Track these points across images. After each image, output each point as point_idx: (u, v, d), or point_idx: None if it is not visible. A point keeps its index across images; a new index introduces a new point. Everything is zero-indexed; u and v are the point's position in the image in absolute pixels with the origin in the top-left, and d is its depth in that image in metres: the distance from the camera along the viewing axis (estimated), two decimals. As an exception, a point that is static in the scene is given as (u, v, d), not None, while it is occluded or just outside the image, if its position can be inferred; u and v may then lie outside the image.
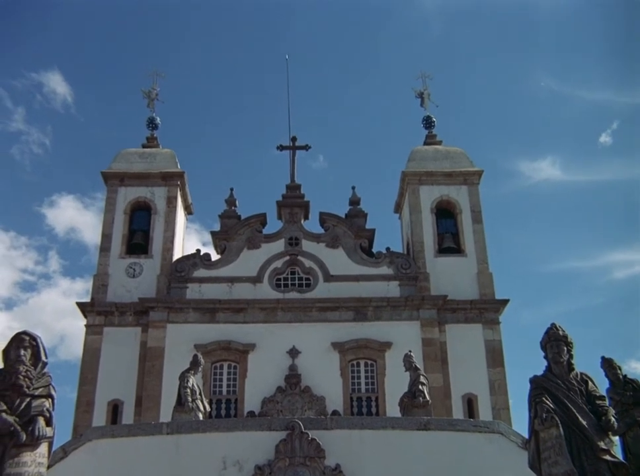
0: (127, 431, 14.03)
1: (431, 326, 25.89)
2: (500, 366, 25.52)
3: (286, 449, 13.09)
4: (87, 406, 24.94)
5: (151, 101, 31.67)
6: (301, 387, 24.68)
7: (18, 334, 8.45)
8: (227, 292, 26.65)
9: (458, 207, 28.54)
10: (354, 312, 26.11)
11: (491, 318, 26.30)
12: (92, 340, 26.04)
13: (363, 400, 25.09)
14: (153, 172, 29.06)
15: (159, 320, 25.91)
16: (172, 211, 28.61)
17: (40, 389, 8.25)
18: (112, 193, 28.86)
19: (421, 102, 31.87)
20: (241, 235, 28.03)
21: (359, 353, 25.57)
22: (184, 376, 16.89)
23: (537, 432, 9.65)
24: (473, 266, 27.48)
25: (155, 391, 24.76)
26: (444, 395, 24.71)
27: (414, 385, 16.91)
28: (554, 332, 10.44)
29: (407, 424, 13.78)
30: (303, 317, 25.99)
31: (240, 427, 13.67)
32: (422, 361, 23.91)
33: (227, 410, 24.83)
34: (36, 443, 7.69)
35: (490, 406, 24.87)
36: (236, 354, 25.47)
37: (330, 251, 27.57)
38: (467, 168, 29.34)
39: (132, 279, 27.17)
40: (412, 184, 29.04)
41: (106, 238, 28.00)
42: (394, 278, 27.09)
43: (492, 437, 13.58)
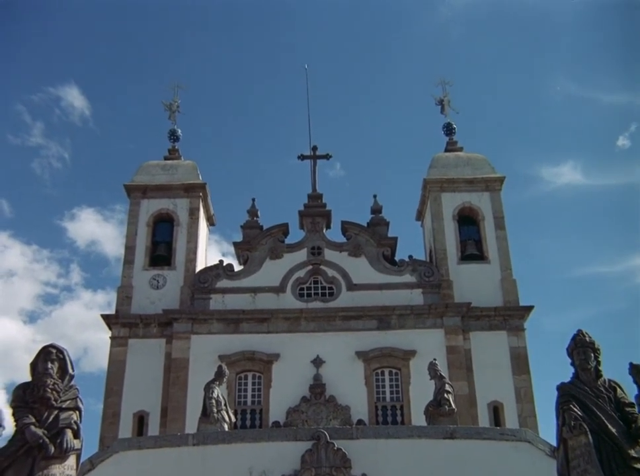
0: (153, 442, 14.08)
1: (455, 334, 25.75)
2: (525, 373, 25.31)
3: (312, 459, 13.07)
4: (113, 418, 25.04)
5: (172, 113, 31.85)
6: (325, 396, 24.62)
7: (46, 347, 8.50)
8: (250, 302, 26.69)
9: (480, 213, 28.40)
10: (378, 320, 26.04)
11: (516, 325, 26.11)
12: (117, 352, 26.17)
13: (388, 409, 24.99)
14: (175, 184, 29.21)
15: (183, 331, 25.99)
16: (194, 223, 28.73)
17: (67, 402, 8.29)
18: (135, 205, 28.99)
19: (441, 109, 31.80)
20: (264, 245, 28.07)
21: (383, 361, 25.48)
22: (209, 387, 16.93)
23: (566, 440, 9.54)
24: (496, 273, 27.32)
25: (180, 402, 24.81)
26: (470, 403, 24.54)
27: (440, 394, 16.82)
28: (580, 339, 10.34)
29: (433, 432, 13.71)
30: (326, 327, 25.96)
31: (266, 437, 13.68)
32: (447, 369, 23.76)
33: (252, 421, 24.83)
34: (64, 456, 7.72)
35: (517, 414, 24.66)
36: (260, 364, 25.47)
37: (352, 260, 27.53)
38: (489, 174, 29.20)
39: (156, 291, 27.29)
40: (434, 192, 28.96)
41: (129, 250, 28.15)
42: (417, 286, 26.99)
43: (520, 445, 13.48)
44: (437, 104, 31.99)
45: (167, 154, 31.07)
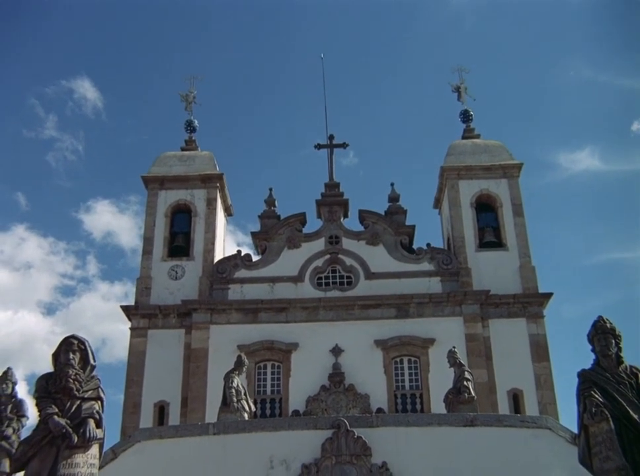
0: (174, 432, 14.15)
1: (474, 322, 25.69)
2: (545, 361, 25.23)
3: (332, 447, 13.09)
4: (134, 408, 25.22)
5: (188, 104, 31.88)
6: (345, 385, 24.66)
7: (67, 338, 8.56)
8: (268, 292, 26.74)
9: (498, 200, 28.27)
10: (396, 309, 26.02)
11: (535, 312, 26.02)
12: (137, 342, 26.33)
13: (408, 398, 24.99)
14: (193, 175, 29.28)
15: (202, 321, 26.10)
16: (212, 213, 28.80)
17: (89, 392, 8.35)
18: (153, 196, 29.09)
19: (458, 96, 31.64)
20: (281, 234, 28.10)
21: (402, 350, 25.47)
22: (229, 377, 16.99)
23: (587, 426, 9.50)
24: (515, 260, 27.20)
25: (200, 392, 24.94)
26: (489, 390, 24.50)
27: (459, 381, 16.81)
28: (601, 325, 10.27)
29: (453, 420, 13.69)
30: (345, 315, 25.98)
31: (287, 426, 13.71)
32: (466, 357, 23.75)
33: (272, 410, 24.92)
34: (87, 445, 7.79)
35: (537, 401, 24.60)
36: (279, 354, 25.54)
37: (370, 249, 27.50)
38: (507, 161, 29.04)
39: (174, 282, 27.41)
40: (451, 179, 28.85)
41: (147, 241, 28.26)
42: (435, 274, 26.94)
43: (540, 432, 13.44)
44: (454, 91, 31.84)
45: (184, 145, 31.14)
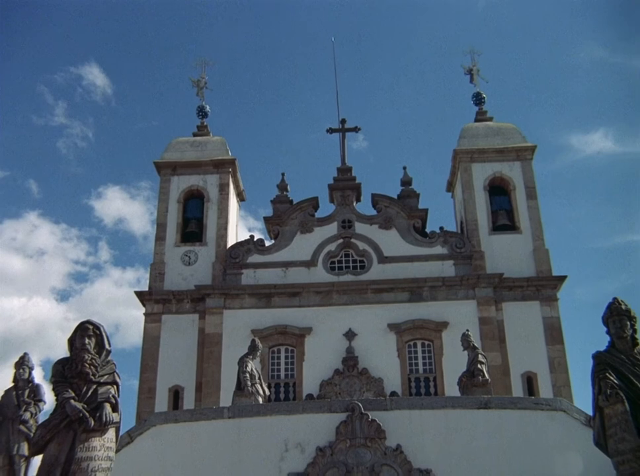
0: (189, 416, 14.23)
1: (488, 305, 25.66)
2: (559, 343, 25.19)
3: (347, 430, 13.14)
4: (149, 393, 25.39)
5: (200, 90, 31.85)
6: (358, 369, 24.72)
7: (82, 324, 8.61)
8: (281, 277, 26.79)
9: (512, 183, 28.16)
10: (409, 293, 26.02)
11: (549, 295, 25.95)
12: (152, 328, 26.46)
13: (421, 381, 25.03)
14: (205, 160, 29.30)
15: (216, 306, 26.19)
16: (224, 199, 28.82)
17: (105, 377, 8.40)
18: (165, 182, 29.14)
19: (470, 79, 31.47)
20: (294, 219, 28.11)
21: (415, 333, 25.48)
22: (243, 361, 17.03)
23: (602, 408, 9.48)
24: (528, 243, 27.12)
25: (215, 376, 25.07)
26: (503, 373, 24.49)
27: (473, 364, 16.79)
28: (616, 307, 10.23)
29: (468, 403, 13.70)
30: (358, 299, 26.00)
31: (301, 410, 13.76)
32: (480, 341, 23.75)
33: (286, 394, 25.03)
34: (104, 429, 7.85)
35: (551, 384, 24.59)
36: (293, 338, 25.61)
37: (383, 232, 27.48)
38: (520, 143, 28.89)
39: (188, 267, 27.50)
40: (464, 162, 28.74)
41: (161, 227, 28.34)
42: (449, 258, 26.90)
43: (555, 414, 13.43)
44: (466, 74, 31.68)
45: (196, 130, 31.13)
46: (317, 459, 12.91)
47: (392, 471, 12.73)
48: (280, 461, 13.00)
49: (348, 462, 12.84)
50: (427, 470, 12.68)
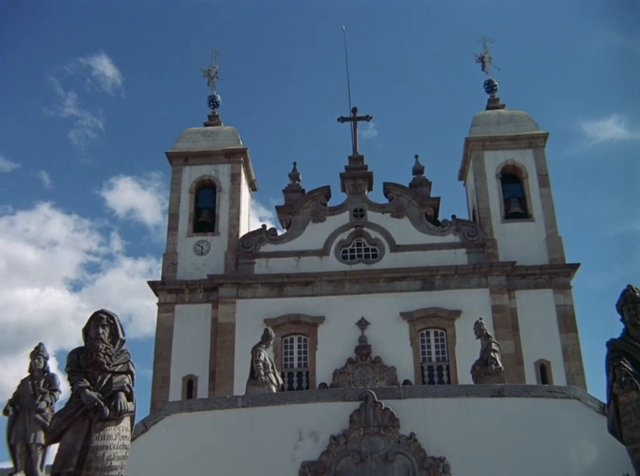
0: (203, 405, 14.30)
1: (500, 293, 25.60)
2: (572, 331, 25.12)
3: (360, 419, 13.16)
4: (163, 382, 25.51)
5: (211, 79, 31.81)
6: (371, 357, 24.74)
7: (97, 313, 8.65)
8: (294, 266, 26.81)
9: (524, 171, 28.03)
10: (422, 281, 25.99)
11: (562, 283, 25.86)
12: (165, 317, 26.56)
13: (434, 370, 25.03)
14: (216, 150, 29.31)
15: (229, 296, 26.25)
16: (236, 188, 28.84)
17: (119, 366, 8.45)
18: (177, 172, 29.19)
19: (482, 66, 31.32)
20: (306, 208, 28.10)
21: (428, 322, 25.47)
22: (256, 350, 17.05)
23: (617, 396, 9.48)
24: (541, 231, 27.02)
25: (228, 365, 25.14)
26: (516, 361, 24.46)
27: (486, 353, 16.76)
28: (630, 294, 10.21)
29: (481, 391, 13.69)
30: (371, 288, 25.99)
31: (314, 398, 13.79)
32: (493, 329, 23.72)
33: (299, 383, 25.08)
34: (119, 418, 7.90)
35: (564, 372, 24.53)
36: (305, 327, 25.65)
37: (395, 221, 27.43)
38: (532, 131, 28.74)
39: (200, 257, 27.57)
40: (476, 150, 28.63)
41: (173, 217, 28.40)
42: (461, 246, 26.83)
43: (569, 402, 13.40)
44: (478, 61, 31.51)
45: (207, 120, 31.14)
46: (331, 448, 12.94)
47: (406, 459, 12.75)
48: (294, 449, 13.04)
49: (361, 450, 12.86)
50: (441, 458, 12.69)
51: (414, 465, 12.66)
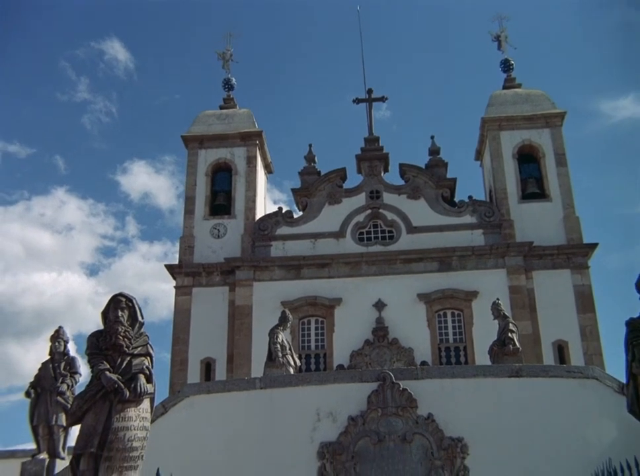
0: (222, 387, 14.37)
1: (518, 274, 25.52)
2: (590, 311, 25.03)
3: (378, 400, 13.18)
4: (181, 365, 25.68)
5: (225, 62, 31.77)
6: (388, 339, 24.78)
7: (115, 296, 8.68)
8: (310, 248, 26.83)
9: (541, 151, 27.85)
10: (439, 262, 25.95)
11: (580, 263, 25.74)
12: (182, 301, 26.70)
13: (452, 351, 25.04)
14: (232, 133, 29.31)
15: (246, 279, 26.33)
16: (252, 171, 28.86)
17: (138, 348, 8.48)
18: (193, 156, 29.23)
19: (498, 45, 31.07)
20: (322, 190, 28.08)
21: (445, 303, 25.45)
22: (274, 332, 17.09)
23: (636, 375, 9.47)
24: (558, 211, 26.87)
25: (246, 348, 25.26)
26: (534, 342, 24.42)
27: (504, 333, 16.70)
28: (649, 273, 10.14)
29: (499, 371, 13.68)
30: (387, 270, 25.99)
31: (332, 380, 13.82)
32: (510, 310, 23.64)
33: (317, 365, 25.18)
34: (139, 400, 7.95)
35: (582, 352, 24.48)
36: (322, 309, 25.71)
37: (411, 202, 27.36)
38: (549, 110, 28.52)
39: (217, 240, 27.65)
40: (493, 130, 28.46)
41: (189, 200, 28.47)
42: (478, 227, 26.75)
43: (587, 382, 13.35)
44: (494, 40, 31.26)
45: (222, 103, 31.12)
46: (349, 428, 12.99)
47: (424, 440, 12.78)
48: (312, 430, 13.10)
49: (379, 431, 12.90)
50: (459, 438, 12.71)
51: (432, 445, 12.69)
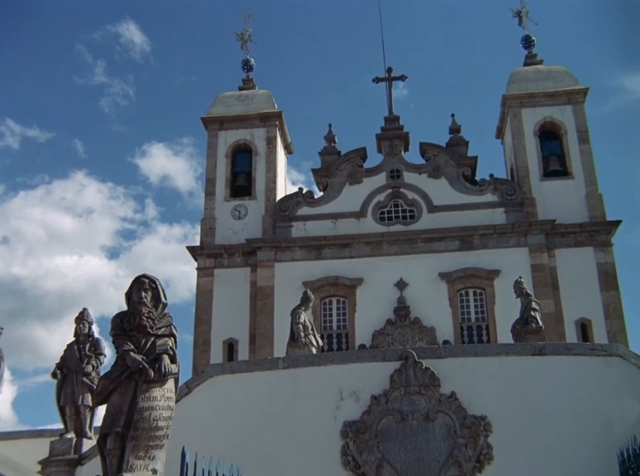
0: (245, 367, 14.43)
1: (540, 252, 25.39)
2: (614, 289, 24.88)
3: (401, 378, 13.17)
4: (204, 346, 25.86)
5: (244, 43, 31.67)
6: (410, 318, 24.78)
7: (138, 278, 8.71)
8: (331, 228, 26.83)
9: (563, 128, 27.59)
10: (460, 241, 25.86)
11: (603, 240, 25.56)
12: (204, 282, 26.84)
13: (474, 330, 25.01)
14: (252, 114, 29.28)
15: (267, 259, 26.40)
16: (272, 152, 28.85)
17: (162, 329, 8.51)
18: (213, 137, 29.25)
19: (519, 21, 30.74)
20: (342, 170, 28.01)
21: (467, 282, 25.40)
22: (296, 312, 17.11)
23: (660, 352, 9.38)
24: (581, 188, 26.66)
25: (268, 328, 25.37)
26: (556, 320, 24.33)
27: (526, 312, 16.63)
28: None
29: (522, 349, 13.62)
30: (408, 249, 25.94)
31: (355, 359, 13.83)
32: (532, 288, 23.44)
33: (339, 345, 25.25)
34: (164, 380, 7.99)
35: (605, 330, 24.38)
36: (344, 289, 25.73)
37: (432, 182, 27.24)
38: (571, 86, 28.22)
39: (238, 221, 27.71)
40: (514, 108, 28.22)
41: (210, 182, 28.53)
42: (499, 205, 26.60)
43: (611, 360, 13.26)
44: (514, 16, 30.96)
45: (242, 84, 31.06)
46: (372, 407, 13.01)
47: (447, 418, 12.78)
48: (335, 409, 13.13)
49: (402, 409, 12.91)
50: (482, 416, 12.69)
51: (455, 423, 12.69)
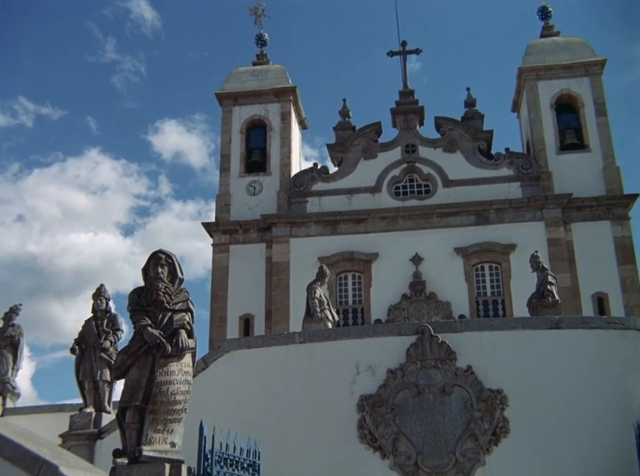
0: (261, 342, 14.51)
1: (556, 226, 25.26)
2: (631, 263, 24.76)
3: (417, 352, 13.20)
4: (220, 322, 25.99)
5: (257, 18, 31.48)
6: (426, 293, 24.77)
7: (155, 253, 8.74)
8: (346, 204, 26.79)
9: (580, 100, 27.31)
10: (476, 216, 25.76)
11: (620, 214, 25.39)
12: (220, 258, 26.92)
13: (490, 304, 24.98)
14: (266, 89, 29.18)
15: (282, 235, 26.42)
16: (287, 127, 28.77)
17: (179, 304, 8.56)
18: (227, 113, 29.19)
19: (536, -8, 30.35)
20: (357, 145, 27.90)
21: (483, 256, 25.33)
22: (312, 287, 17.12)
23: (678, 325, 9.35)
24: (598, 162, 26.44)
25: (283, 304, 25.46)
26: (573, 294, 24.25)
27: (543, 285, 16.55)
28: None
29: (538, 323, 13.59)
30: (424, 224, 25.88)
31: (371, 333, 13.85)
32: (549, 262, 23.38)
33: (354, 320, 25.31)
34: (181, 354, 8.04)
35: (622, 304, 24.30)
36: (359, 264, 25.74)
37: (447, 156, 27.09)
38: (589, 58, 27.89)
39: (253, 197, 27.72)
40: (530, 80, 27.95)
41: (225, 158, 28.51)
42: (515, 179, 26.45)
43: (628, 333, 13.22)
44: (531, -13, 30.53)
45: (255, 59, 30.91)
46: (388, 381, 13.05)
47: (463, 391, 12.80)
48: (352, 383, 13.18)
49: (419, 383, 12.95)
50: (498, 390, 12.70)
51: (471, 396, 12.71)
